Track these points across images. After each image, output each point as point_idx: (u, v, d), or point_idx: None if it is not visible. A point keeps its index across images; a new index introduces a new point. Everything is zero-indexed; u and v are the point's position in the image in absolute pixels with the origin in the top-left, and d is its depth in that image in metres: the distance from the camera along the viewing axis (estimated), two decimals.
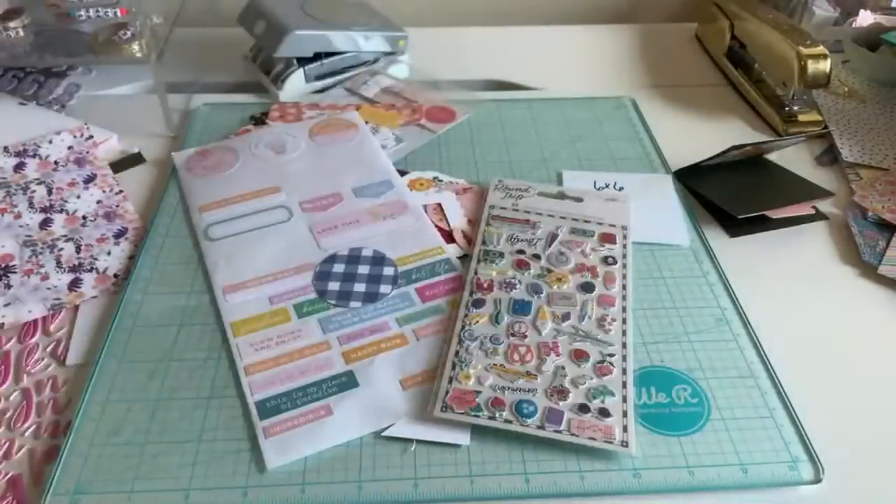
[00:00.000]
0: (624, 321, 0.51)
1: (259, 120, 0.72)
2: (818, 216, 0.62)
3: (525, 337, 0.49)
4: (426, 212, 0.60)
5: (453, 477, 0.43)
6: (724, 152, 0.63)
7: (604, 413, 0.45)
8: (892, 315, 0.54)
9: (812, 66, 0.68)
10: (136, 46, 0.68)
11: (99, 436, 0.44)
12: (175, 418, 0.45)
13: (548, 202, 0.61)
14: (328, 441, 0.44)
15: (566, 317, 0.51)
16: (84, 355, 0.50)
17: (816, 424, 0.45)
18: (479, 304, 0.52)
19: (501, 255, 0.56)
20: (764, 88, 0.77)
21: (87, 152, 0.66)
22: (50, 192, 0.62)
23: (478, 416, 0.45)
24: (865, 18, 0.83)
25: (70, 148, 0.66)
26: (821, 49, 0.69)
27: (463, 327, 0.50)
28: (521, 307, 0.52)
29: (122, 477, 0.42)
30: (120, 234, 0.59)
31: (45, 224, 0.59)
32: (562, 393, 0.46)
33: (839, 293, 0.56)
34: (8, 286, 0.54)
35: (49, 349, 0.50)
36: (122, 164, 0.67)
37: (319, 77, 0.77)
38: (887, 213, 0.61)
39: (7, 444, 0.44)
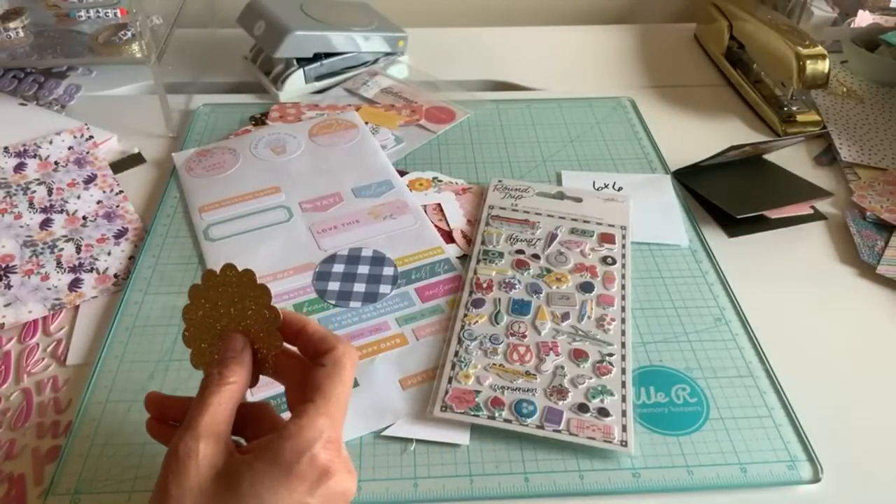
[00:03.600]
0: (623, 321, 0.51)
1: (259, 120, 0.72)
2: (817, 216, 0.62)
3: (524, 337, 0.50)
4: (426, 212, 0.61)
5: (453, 476, 0.43)
6: (723, 152, 0.63)
7: (603, 412, 0.45)
8: (890, 315, 0.54)
9: (811, 67, 0.68)
10: (135, 47, 0.68)
11: (99, 436, 0.44)
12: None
13: (547, 202, 0.61)
14: None
15: (565, 316, 0.51)
16: (84, 355, 0.50)
17: (815, 424, 0.46)
18: (478, 303, 0.52)
19: (501, 255, 0.56)
20: (763, 89, 0.77)
21: (88, 153, 0.66)
22: (50, 192, 0.62)
23: (477, 416, 0.45)
24: (864, 19, 0.83)
25: (70, 148, 0.66)
26: (819, 49, 0.69)
27: (462, 327, 0.50)
28: (520, 307, 0.52)
29: (122, 477, 0.42)
30: (120, 235, 0.59)
31: (45, 224, 0.59)
32: (561, 392, 0.46)
33: (837, 293, 0.56)
34: (8, 286, 0.54)
35: (49, 349, 0.50)
36: (122, 164, 0.67)
37: (319, 77, 0.77)
38: (886, 212, 0.61)
39: (8, 443, 0.44)
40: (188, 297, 0.37)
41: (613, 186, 0.64)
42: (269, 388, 0.46)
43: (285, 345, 0.36)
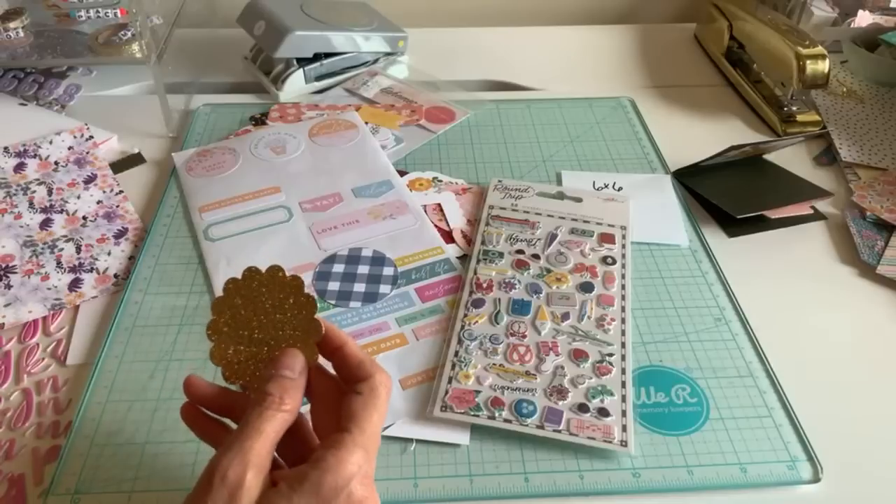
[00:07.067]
0: (623, 321, 0.51)
1: (259, 120, 0.72)
2: (817, 216, 0.62)
3: (524, 337, 0.50)
4: (426, 212, 0.61)
5: (453, 476, 0.43)
6: (723, 152, 0.63)
7: (603, 412, 0.45)
8: (890, 315, 0.54)
9: (811, 67, 0.68)
10: (135, 47, 0.68)
11: (99, 436, 0.44)
12: (175, 418, 0.45)
13: (547, 202, 0.61)
14: None
15: (565, 316, 0.51)
16: (84, 355, 0.50)
17: (815, 424, 0.46)
18: (478, 303, 0.52)
19: (501, 255, 0.56)
20: (763, 89, 0.77)
21: (88, 153, 0.66)
22: (50, 192, 0.62)
23: (477, 416, 0.45)
24: (864, 19, 0.83)
25: (70, 148, 0.66)
26: (819, 49, 0.69)
27: (462, 327, 0.50)
28: (520, 307, 0.52)
29: (122, 477, 0.42)
30: (120, 235, 0.59)
31: (45, 224, 0.59)
32: (561, 392, 0.46)
33: (837, 293, 0.56)
34: (8, 286, 0.54)
35: (49, 349, 0.50)
36: (122, 164, 0.67)
37: (319, 77, 0.77)
38: (886, 213, 0.61)
39: (7, 444, 0.44)
40: (223, 291, 0.35)
41: (613, 186, 0.64)
42: None
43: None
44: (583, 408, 0.45)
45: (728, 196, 0.61)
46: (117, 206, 0.62)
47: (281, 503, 0.30)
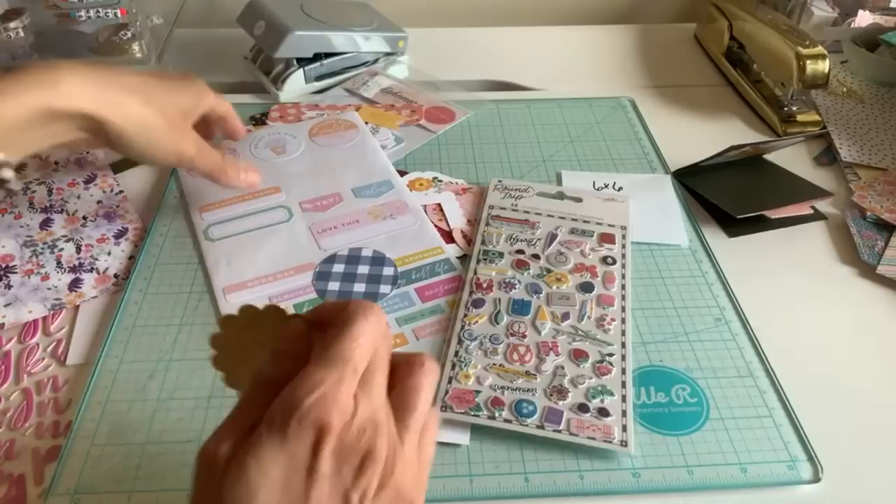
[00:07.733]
0: (623, 321, 0.51)
1: (259, 120, 0.72)
2: (817, 216, 0.62)
3: (524, 337, 0.50)
4: (426, 212, 0.61)
5: (453, 476, 0.43)
6: (723, 152, 0.63)
7: (603, 412, 0.45)
8: (890, 314, 0.54)
9: (811, 67, 0.68)
10: (136, 47, 0.68)
11: (99, 436, 0.44)
12: (175, 418, 0.45)
13: (547, 202, 0.61)
14: None
15: (565, 316, 0.51)
16: (84, 355, 0.50)
17: (815, 424, 0.46)
18: (478, 303, 0.52)
19: (501, 255, 0.56)
20: (763, 89, 0.77)
21: (88, 153, 0.66)
22: (50, 192, 0.62)
23: (477, 416, 0.45)
24: (864, 19, 0.83)
25: None
26: (819, 49, 0.69)
27: (462, 327, 0.50)
28: (520, 307, 0.52)
29: (122, 477, 0.42)
30: (120, 235, 0.59)
31: (45, 224, 0.59)
32: (561, 392, 0.46)
33: (837, 293, 0.56)
34: (8, 286, 0.54)
35: (49, 349, 0.50)
36: (122, 164, 0.67)
37: (319, 77, 0.77)
38: (886, 213, 0.61)
39: (7, 444, 0.44)
40: (220, 326, 0.32)
41: (613, 186, 0.64)
42: None
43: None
44: (583, 408, 0.45)
45: (728, 196, 0.61)
46: (117, 206, 0.62)
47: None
